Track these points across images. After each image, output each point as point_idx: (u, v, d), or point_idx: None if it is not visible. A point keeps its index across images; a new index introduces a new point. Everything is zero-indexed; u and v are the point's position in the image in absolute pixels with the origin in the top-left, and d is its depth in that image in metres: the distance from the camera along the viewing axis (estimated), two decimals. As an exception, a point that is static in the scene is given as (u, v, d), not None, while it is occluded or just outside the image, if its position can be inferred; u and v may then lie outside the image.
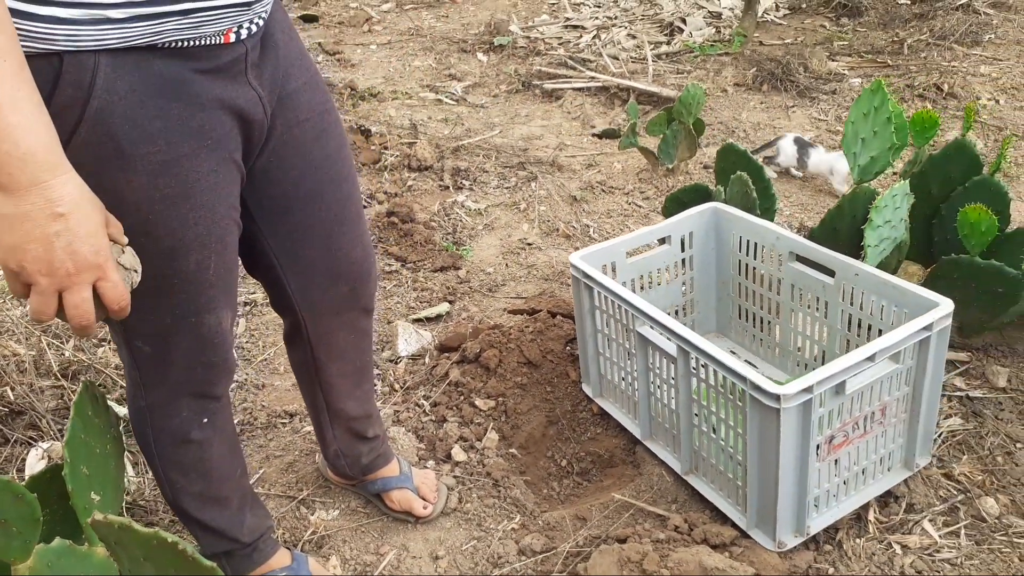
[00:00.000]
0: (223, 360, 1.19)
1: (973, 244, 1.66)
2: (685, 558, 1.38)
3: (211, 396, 1.22)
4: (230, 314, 1.17)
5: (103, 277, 0.87)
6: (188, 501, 1.30)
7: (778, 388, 1.29)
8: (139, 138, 0.94)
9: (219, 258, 1.09)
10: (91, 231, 0.84)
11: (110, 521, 0.85)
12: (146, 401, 1.20)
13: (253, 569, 1.41)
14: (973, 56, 3.77)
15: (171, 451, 1.25)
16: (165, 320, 1.09)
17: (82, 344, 1.98)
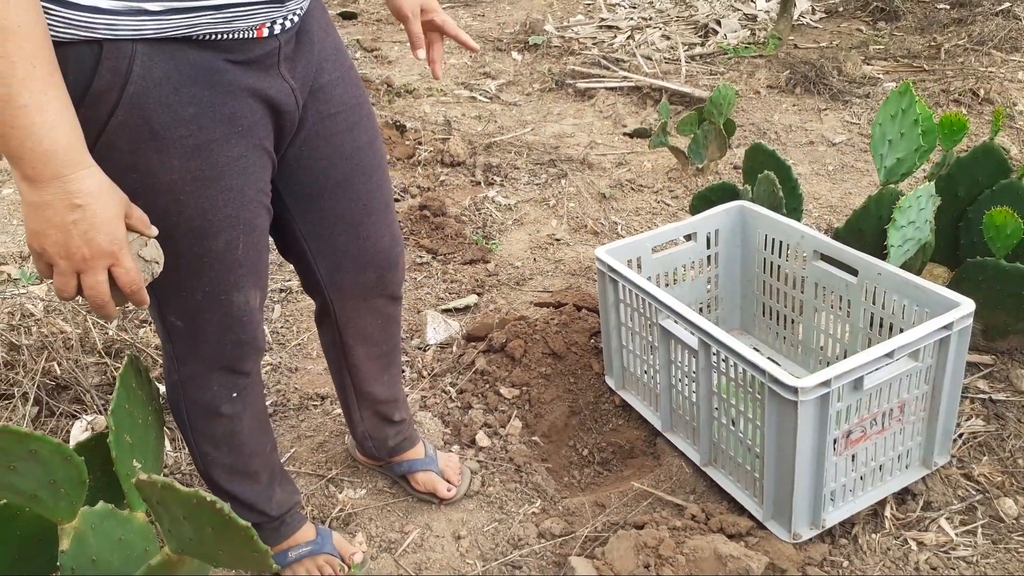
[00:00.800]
0: (251, 338, 1.24)
1: (998, 247, 1.67)
2: (700, 545, 1.41)
3: (241, 372, 1.27)
4: (259, 294, 1.22)
5: (116, 263, 0.94)
6: (219, 473, 1.36)
7: (796, 381, 1.32)
8: (172, 122, 0.99)
9: (247, 239, 1.14)
10: (107, 221, 0.91)
11: (154, 480, 0.91)
12: (179, 375, 1.26)
13: (280, 542, 1.46)
14: (1011, 62, 3.74)
15: (203, 424, 1.31)
16: (196, 297, 1.15)
17: (125, 324, 2.06)
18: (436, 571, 1.52)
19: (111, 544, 1.16)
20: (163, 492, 0.92)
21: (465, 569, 1.52)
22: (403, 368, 2.04)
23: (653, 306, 1.64)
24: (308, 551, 1.47)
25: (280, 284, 2.41)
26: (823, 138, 3.23)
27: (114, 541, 1.16)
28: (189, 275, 1.13)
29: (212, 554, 0.99)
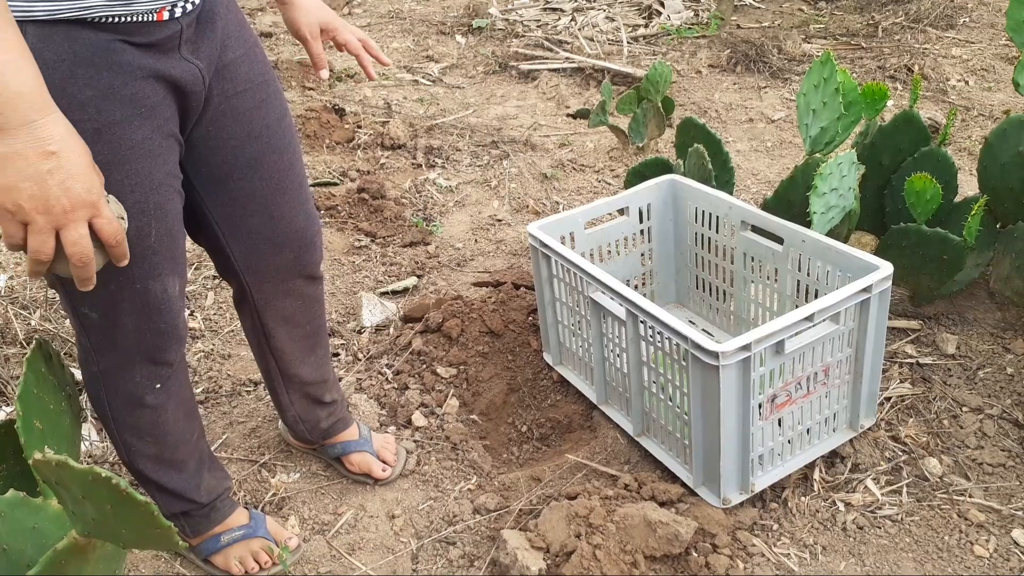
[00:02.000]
0: (172, 327, 1.20)
1: (919, 212, 1.70)
2: (631, 512, 1.42)
3: (163, 362, 1.24)
4: (177, 281, 1.19)
5: (97, 214, 0.88)
6: (144, 463, 1.33)
7: (717, 346, 1.33)
8: (69, 106, 0.94)
9: (160, 224, 1.11)
10: (83, 169, 0.86)
11: (48, 459, 0.88)
12: (99, 367, 1.22)
13: (210, 528, 1.44)
14: (946, 39, 3.81)
15: (126, 415, 1.27)
16: (110, 287, 1.11)
17: (48, 314, 2.01)
18: (369, 550, 1.50)
19: (24, 533, 1.12)
20: (59, 470, 0.90)
21: (399, 547, 1.51)
22: (338, 351, 2.02)
23: (583, 279, 1.64)
24: (241, 535, 1.45)
25: (212, 271, 2.36)
26: (762, 115, 3.26)
27: (27, 529, 1.12)
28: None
29: (115, 533, 0.96)
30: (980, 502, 1.51)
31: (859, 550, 1.44)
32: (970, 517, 1.48)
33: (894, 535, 1.47)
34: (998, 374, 1.79)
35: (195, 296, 2.25)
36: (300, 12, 1.30)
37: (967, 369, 1.82)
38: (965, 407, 1.72)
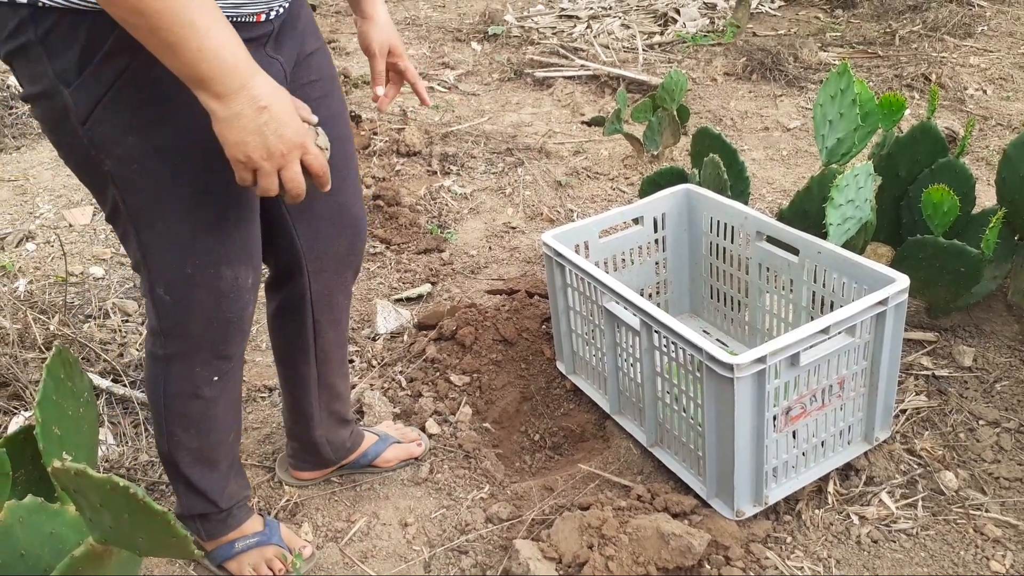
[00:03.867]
0: (238, 318, 1.23)
1: (936, 224, 1.69)
2: (643, 524, 1.41)
3: (224, 355, 1.26)
4: (251, 274, 1.21)
5: (306, 152, 1.01)
6: (182, 455, 1.34)
7: (732, 358, 1.33)
8: (177, 90, 1.00)
9: (238, 211, 1.15)
10: (290, 116, 0.99)
11: (67, 467, 0.89)
12: (164, 351, 1.25)
13: (225, 533, 1.45)
14: (964, 47, 3.79)
15: (178, 404, 1.29)
16: (186, 270, 1.15)
17: (67, 319, 2.03)
18: (382, 559, 1.51)
19: (41, 538, 1.13)
20: (78, 479, 0.91)
21: (411, 556, 1.51)
22: (352, 358, 2.03)
23: (597, 288, 1.64)
24: (255, 542, 1.46)
25: (230, 276, 2.38)
26: (778, 124, 3.25)
27: (44, 535, 1.14)
28: (181, 245, 1.13)
29: (132, 541, 0.97)
30: (997, 517, 1.50)
31: (873, 564, 1.43)
32: (986, 532, 1.47)
33: (909, 549, 1.46)
34: (1015, 387, 1.77)
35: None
36: (376, 30, 1.37)
37: (984, 382, 1.80)
38: (982, 420, 1.71)
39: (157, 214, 1.10)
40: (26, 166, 3.11)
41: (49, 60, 1.00)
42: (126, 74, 1.00)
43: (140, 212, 1.11)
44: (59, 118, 1.04)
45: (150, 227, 1.12)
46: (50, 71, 1.00)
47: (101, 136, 1.03)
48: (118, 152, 1.05)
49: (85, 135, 1.04)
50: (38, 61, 1.00)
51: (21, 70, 1.04)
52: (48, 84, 1.01)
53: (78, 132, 1.04)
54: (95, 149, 1.05)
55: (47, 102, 1.03)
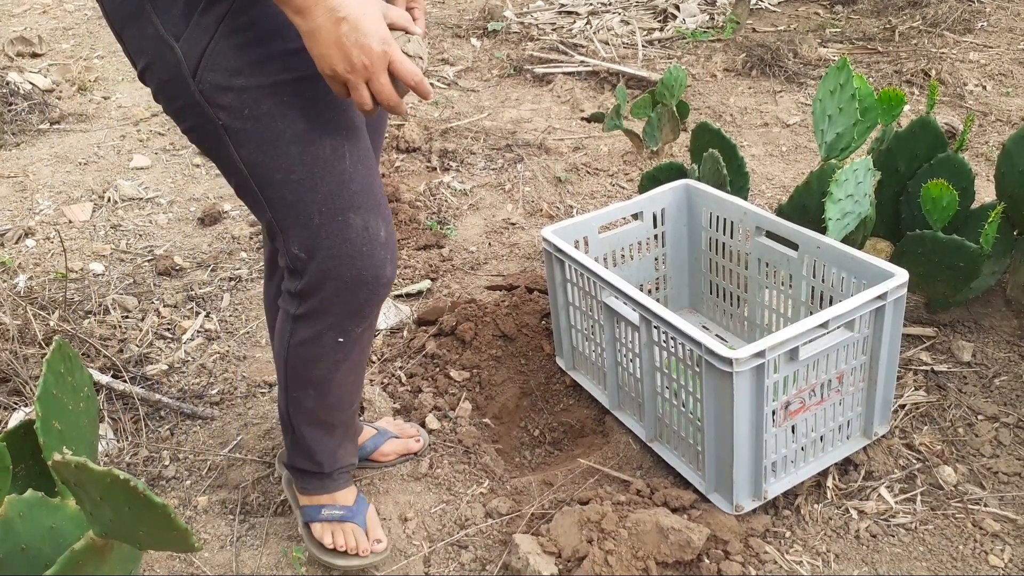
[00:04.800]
0: (375, 278, 1.19)
1: (935, 219, 1.69)
2: (643, 518, 1.42)
3: (357, 315, 1.23)
4: (381, 224, 1.18)
5: (393, 60, 0.98)
6: (298, 415, 1.35)
7: (731, 353, 1.33)
8: (275, 28, 1.04)
9: (353, 149, 1.14)
10: (372, 23, 0.96)
11: (68, 461, 0.89)
12: (296, 310, 1.24)
13: (319, 494, 1.46)
14: (964, 43, 3.78)
15: (301, 365, 1.29)
16: (314, 220, 1.14)
17: (67, 315, 2.03)
18: (382, 553, 1.51)
19: (41, 532, 1.14)
20: (78, 472, 0.91)
21: (411, 550, 1.51)
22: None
23: (596, 284, 1.64)
24: (339, 515, 1.46)
25: (229, 272, 2.38)
26: (778, 120, 3.25)
27: (45, 529, 1.14)
28: (303, 191, 1.12)
29: (133, 535, 0.97)
30: (995, 511, 1.50)
31: (872, 558, 1.44)
32: (985, 526, 1.47)
33: (908, 544, 1.46)
34: (1014, 382, 1.78)
35: (211, 298, 2.27)
36: None
37: (983, 377, 1.80)
38: (980, 415, 1.71)
39: (274, 162, 1.10)
40: (26, 162, 3.11)
41: (159, 17, 1.03)
42: (226, 19, 1.03)
43: (258, 165, 1.11)
44: (172, 77, 1.06)
45: (270, 180, 1.12)
46: (160, 28, 1.03)
47: (211, 85, 1.05)
48: (228, 100, 1.06)
49: (196, 88, 1.05)
50: (148, 22, 1.04)
51: (132, 41, 1.07)
52: (158, 43, 1.04)
53: (191, 88, 1.06)
54: (207, 103, 1.07)
55: (159, 63, 1.05)
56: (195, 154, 3.16)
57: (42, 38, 4.36)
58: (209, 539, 1.55)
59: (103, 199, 2.82)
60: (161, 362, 2.01)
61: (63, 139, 3.30)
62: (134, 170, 3.04)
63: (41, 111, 3.47)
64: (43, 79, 3.79)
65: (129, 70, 4.04)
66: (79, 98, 3.73)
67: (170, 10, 1.03)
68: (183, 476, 1.70)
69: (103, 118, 3.51)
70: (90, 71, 4.03)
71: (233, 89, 1.06)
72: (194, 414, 1.85)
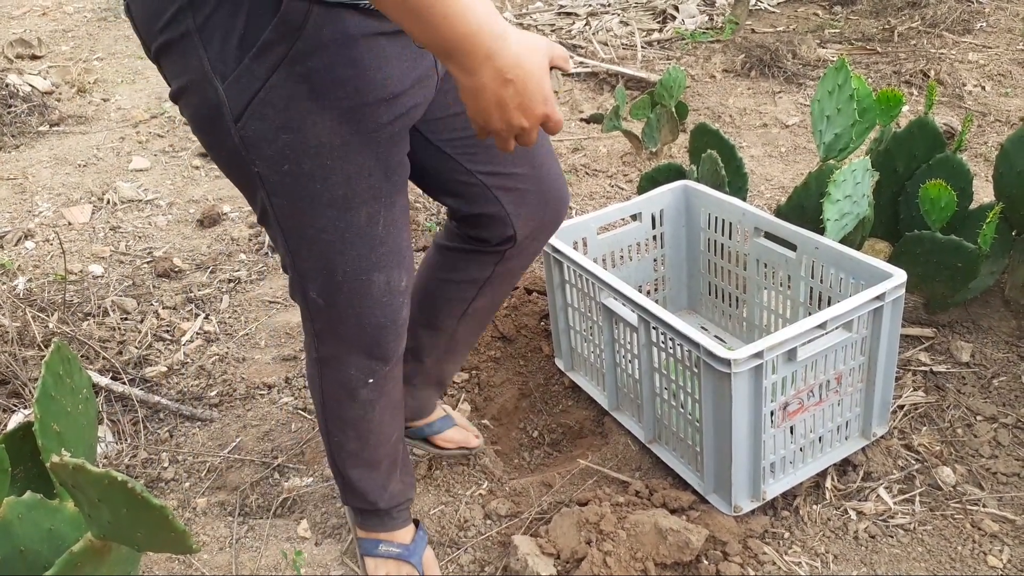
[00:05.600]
0: (392, 322, 1.19)
1: (934, 219, 1.69)
2: (641, 520, 1.42)
3: (379, 358, 1.23)
4: (404, 276, 1.18)
5: (549, 118, 0.96)
6: (342, 456, 1.35)
7: (729, 353, 1.33)
8: (331, 83, 0.99)
9: (388, 214, 1.11)
10: (537, 86, 0.93)
11: (65, 462, 0.89)
12: (318, 353, 1.24)
13: (377, 531, 1.44)
14: (963, 44, 3.79)
15: (335, 406, 1.28)
16: (336, 277, 1.12)
17: (66, 317, 2.03)
18: (381, 554, 1.51)
19: (40, 534, 1.14)
20: (76, 474, 0.91)
21: (410, 551, 1.51)
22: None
23: (595, 285, 1.64)
24: (396, 553, 1.43)
25: (229, 274, 2.38)
26: (777, 120, 3.26)
27: (43, 531, 1.14)
28: (331, 252, 1.10)
29: (131, 536, 0.98)
30: (994, 512, 1.50)
31: (871, 559, 1.44)
32: (984, 527, 1.47)
33: (906, 544, 1.46)
34: (1013, 383, 1.78)
35: (210, 299, 2.27)
36: None
37: (981, 377, 1.80)
38: (979, 416, 1.71)
39: (306, 219, 1.07)
40: (25, 164, 3.11)
41: (205, 51, 0.96)
42: (281, 67, 0.96)
43: (289, 217, 1.08)
44: (212, 115, 1.00)
45: (299, 233, 1.09)
46: (205, 63, 0.96)
47: (253, 134, 1.00)
48: (269, 152, 1.02)
49: (237, 134, 1.00)
50: (193, 53, 0.97)
51: (171, 65, 1.00)
52: (201, 78, 0.97)
53: (231, 131, 1.00)
54: (246, 149, 1.02)
55: (199, 98, 0.99)
56: (194, 156, 3.17)
57: (41, 40, 4.37)
58: (208, 541, 1.55)
59: (102, 201, 2.82)
60: (160, 364, 2.01)
61: (62, 141, 3.31)
62: (133, 172, 3.05)
63: (40, 113, 3.47)
64: (42, 81, 3.80)
65: (128, 72, 4.05)
66: (78, 100, 3.73)
67: (220, 45, 0.95)
68: (182, 478, 1.71)
69: (102, 120, 3.52)
70: (89, 73, 4.03)
71: (276, 144, 1.01)
72: (193, 416, 1.85)
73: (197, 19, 0.94)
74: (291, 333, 2.13)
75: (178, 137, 3.31)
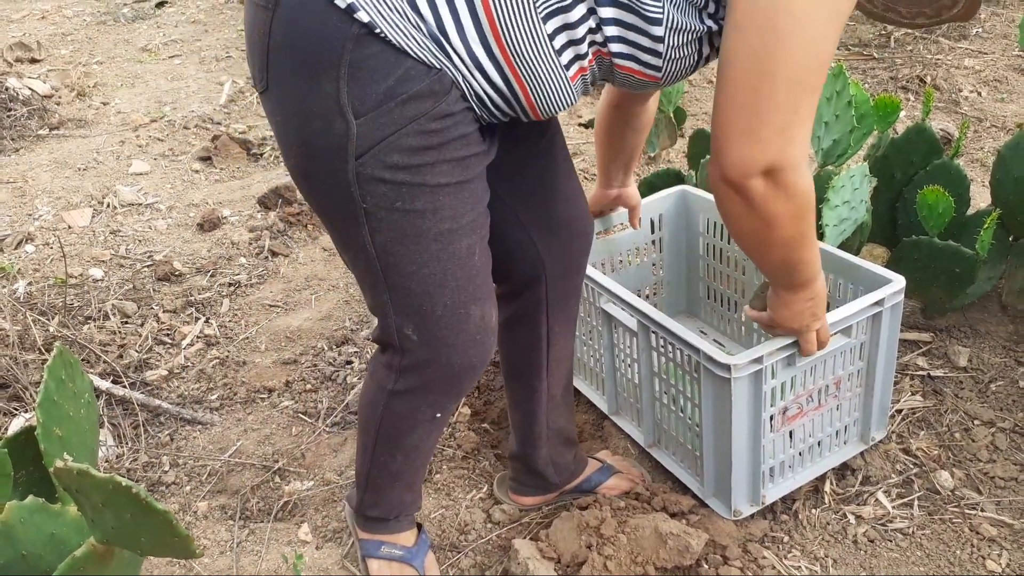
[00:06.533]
0: (482, 362, 1.21)
1: (931, 225, 1.70)
2: (642, 524, 1.42)
3: (456, 396, 1.25)
4: (493, 311, 1.20)
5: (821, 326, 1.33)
6: (381, 476, 1.35)
7: (729, 359, 1.34)
8: (456, 138, 1.06)
9: (482, 244, 1.16)
10: (822, 304, 1.29)
11: (70, 467, 0.90)
12: (394, 386, 1.23)
13: (379, 533, 1.44)
14: (959, 49, 3.81)
15: (394, 434, 1.28)
16: (437, 311, 1.14)
17: (67, 320, 2.04)
18: (381, 558, 1.51)
19: (42, 539, 1.14)
20: (80, 479, 0.91)
21: (410, 555, 1.52)
22: (351, 359, 2.04)
23: (594, 289, 1.65)
24: (399, 555, 1.44)
25: (229, 278, 2.39)
26: (775, 125, 3.26)
27: (46, 536, 1.14)
28: (433, 284, 1.12)
29: (134, 541, 0.98)
30: (992, 516, 1.51)
31: (870, 563, 1.44)
32: (982, 531, 1.48)
33: (905, 548, 1.47)
34: (1010, 387, 1.79)
35: (210, 303, 2.28)
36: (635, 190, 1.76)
37: (979, 382, 1.81)
38: (977, 420, 1.72)
39: (410, 255, 1.09)
40: (25, 168, 3.11)
41: (348, 85, 0.99)
42: (419, 120, 1.01)
43: (391, 254, 1.10)
44: (332, 147, 1.02)
45: (400, 271, 1.11)
46: (343, 96, 0.99)
47: (371, 172, 1.03)
48: (383, 189, 1.04)
49: (354, 168, 1.03)
50: (332, 82, 0.99)
51: (295, 87, 1.02)
52: (332, 109, 1.00)
53: (347, 166, 1.03)
54: (359, 185, 1.04)
55: (323, 128, 1.01)
56: (194, 160, 3.17)
57: (41, 43, 4.38)
58: (209, 544, 1.56)
59: (102, 205, 2.82)
60: (161, 368, 2.01)
61: (62, 145, 3.31)
62: (133, 176, 3.05)
63: (40, 117, 3.48)
64: (42, 85, 3.80)
65: (128, 75, 4.05)
66: (78, 104, 3.74)
67: (365, 86, 0.98)
68: (183, 482, 1.71)
69: (102, 124, 3.52)
70: (89, 77, 4.04)
71: (394, 183, 1.04)
72: (194, 419, 1.85)
73: (354, 55, 0.97)
74: (291, 337, 2.14)
75: (178, 141, 3.32)
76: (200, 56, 4.21)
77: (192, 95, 3.74)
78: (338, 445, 1.77)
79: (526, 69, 1.05)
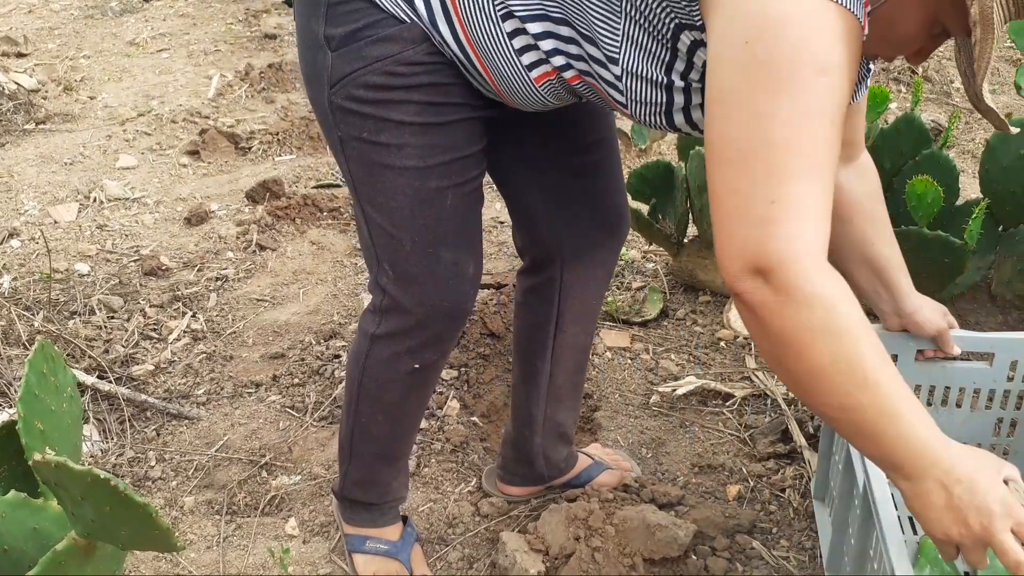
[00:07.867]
0: (455, 309, 1.22)
1: (920, 215, 1.70)
2: (630, 515, 1.42)
3: (434, 345, 1.26)
4: (470, 262, 1.22)
5: (1016, 523, 0.88)
6: (364, 442, 1.36)
7: (717, 349, 1.33)
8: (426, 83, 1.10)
9: (457, 193, 1.16)
10: (989, 482, 0.88)
11: (48, 460, 0.89)
12: (377, 330, 1.26)
13: (364, 526, 1.44)
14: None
15: (373, 386, 1.30)
16: (405, 246, 1.17)
17: (51, 315, 2.02)
18: (369, 552, 1.50)
19: (24, 534, 1.13)
20: (58, 472, 0.90)
21: (398, 549, 1.51)
22: (339, 352, 2.02)
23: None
24: (384, 550, 1.43)
25: (216, 272, 2.37)
26: (765, 118, 3.26)
27: (27, 530, 1.13)
28: (401, 217, 1.15)
29: (115, 534, 0.97)
30: (980, 506, 1.50)
31: (859, 553, 1.44)
32: (970, 521, 1.48)
33: (894, 538, 1.46)
34: (999, 377, 1.78)
35: (197, 298, 2.26)
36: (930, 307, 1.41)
37: (968, 372, 1.81)
38: (966, 410, 1.71)
39: (378, 185, 1.14)
40: (10, 163, 3.09)
41: (327, 22, 1.09)
42: (386, 61, 1.07)
43: (362, 183, 1.15)
44: (317, 76, 1.12)
45: (371, 201, 1.16)
46: (322, 32, 1.09)
47: (340, 102, 1.10)
48: (351, 119, 1.11)
49: (328, 98, 1.11)
50: (316, 19, 1.09)
51: (302, 18, 1.13)
52: (316, 42, 1.10)
53: (325, 94, 1.11)
54: (332, 113, 1.12)
55: (312, 58, 1.12)
56: (181, 154, 3.15)
57: (27, 38, 4.34)
58: (195, 539, 1.55)
59: (89, 199, 2.80)
60: (147, 362, 2.00)
61: (48, 139, 3.29)
62: (120, 170, 3.03)
63: (26, 111, 3.45)
64: (28, 79, 3.77)
65: (115, 69, 4.03)
66: (65, 98, 3.71)
67: (339, 25, 1.07)
68: (169, 476, 1.70)
69: (89, 118, 3.50)
70: (76, 71, 4.01)
71: (360, 114, 1.10)
72: (180, 414, 1.84)
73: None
74: (279, 331, 2.13)
75: (165, 135, 3.30)
76: (188, 50, 4.18)
77: (180, 89, 3.71)
78: (325, 439, 1.76)
79: (489, 61, 1.08)
